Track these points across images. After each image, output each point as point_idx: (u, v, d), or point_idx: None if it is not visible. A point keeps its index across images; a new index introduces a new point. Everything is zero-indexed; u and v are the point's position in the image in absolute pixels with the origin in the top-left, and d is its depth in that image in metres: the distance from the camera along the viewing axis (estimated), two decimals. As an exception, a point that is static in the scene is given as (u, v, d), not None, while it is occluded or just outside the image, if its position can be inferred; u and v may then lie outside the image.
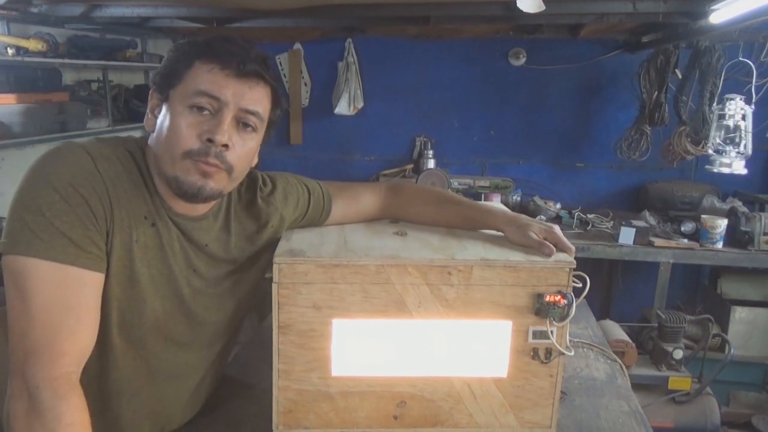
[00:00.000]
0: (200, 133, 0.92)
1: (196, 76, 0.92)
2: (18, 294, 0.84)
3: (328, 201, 1.21)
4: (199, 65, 0.93)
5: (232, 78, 0.93)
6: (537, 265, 1.02)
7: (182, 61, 0.94)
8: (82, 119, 2.94)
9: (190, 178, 0.93)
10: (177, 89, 0.94)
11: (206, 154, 0.92)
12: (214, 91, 0.92)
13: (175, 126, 0.92)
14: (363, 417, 1.07)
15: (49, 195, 0.86)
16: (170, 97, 0.94)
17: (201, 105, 0.92)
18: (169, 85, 0.95)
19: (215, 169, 0.94)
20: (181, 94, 0.93)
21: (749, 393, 3.05)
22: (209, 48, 0.94)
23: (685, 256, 2.87)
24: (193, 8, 2.80)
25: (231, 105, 0.93)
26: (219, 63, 0.92)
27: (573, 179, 3.83)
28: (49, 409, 0.79)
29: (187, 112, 0.92)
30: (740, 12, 2.18)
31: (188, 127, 0.92)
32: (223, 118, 0.92)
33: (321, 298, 1.00)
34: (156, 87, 0.97)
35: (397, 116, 3.89)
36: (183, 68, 0.94)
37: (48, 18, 2.67)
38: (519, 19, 2.84)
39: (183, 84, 0.93)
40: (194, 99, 0.92)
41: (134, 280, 0.96)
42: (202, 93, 0.91)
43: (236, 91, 0.93)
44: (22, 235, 0.84)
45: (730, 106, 2.80)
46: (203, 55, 0.93)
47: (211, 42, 0.95)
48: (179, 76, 0.94)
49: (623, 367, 1.59)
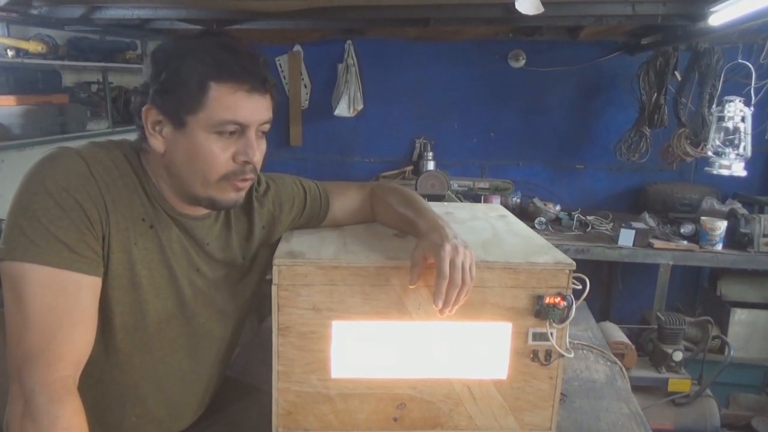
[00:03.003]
0: (233, 156, 0.94)
1: (218, 103, 0.90)
2: (15, 299, 0.84)
3: (325, 201, 1.21)
4: (216, 88, 0.89)
5: (256, 97, 0.93)
6: (537, 267, 1.02)
7: (194, 83, 0.89)
8: (81, 121, 2.95)
9: (226, 196, 0.97)
10: (198, 116, 0.90)
11: (243, 173, 0.96)
12: (241, 119, 0.92)
13: (206, 153, 0.92)
14: (363, 419, 1.07)
15: (44, 200, 0.86)
16: (188, 123, 0.91)
17: (231, 131, 0.92)
18: (185, 110, 0.90)
19: (249, 182, 0.99)
20: (204, 122, 0.90)
21: (749, 395, 3.04)
22: (222, 66, 0.89)
23: (684, 258, 2.87)
24: (193, 10, 2.79)
25: (253, 123, 0.94)
26: (237, 83, 0.90)
27: (572, 181, 3.83)
28: (44, 413, 0.79)
29: (215, 138, 0.92)
30: (739, 14, 2.18)
31: (221, 152, 0.93)
32: (251, 138, 0.94)
33: (320, 299, 1.00)
34: (158, 107, 0.92)
35: (397, 118, 3.89)
36: (198, 92, 0.89)
37: (48, 20, 2.66)
38: (518, 21, 2.84)
39: (205, 111, 0.90)
40: (223, 127, 0.91)
41: (136, 282, 0.96)
42: (230, 122, 0.91)
43: (255, 109, 0.93)
44: (19, 240, 0.84)
45: (729, 108, 2.80)
46: (218, 76, 0.89)
47: (221, 58, 0.90)
48: (197, 101, 0.89)
49: (623, 369, 1.59)
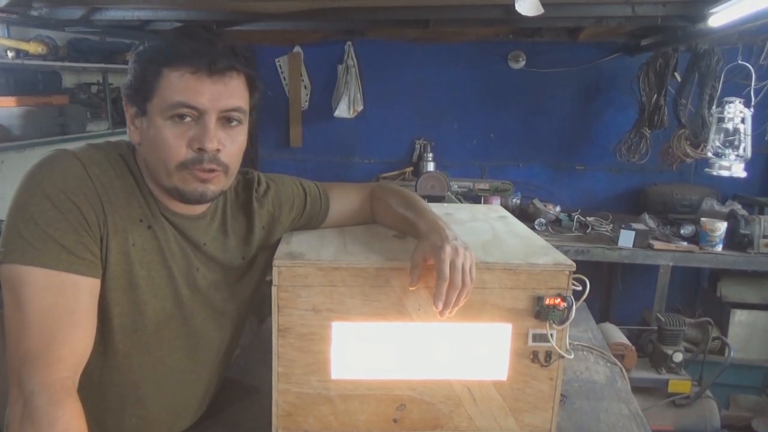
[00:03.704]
0: (189, 142, 0.90)
1: (168, 86, 0.88)
2: (14, 301, 0.85)
3: (325, 202, 1.21)
4: (167, 73, 0.88)
5: (205, 80, 0.89)
6: (537, 268, 1.02)
7: (149, 70, 0.89)
8: (81, 122, 2.95)
9: (190, 187, 0.93)
10: (153, 102, 0.90)
11: (200, 162, 0.91)
12: (190, 101, 0.88)
13: (161, 140, 0.90)
14: (363, 420, 1.06)
15: (41, 203, 0.86)
16: (148, 110, 0.91)
17: (181, 114, 0.89)
18: (143, 98, 0.91)
19: (213, 173, 0.93)
20: (158, 108, 0.90)
21: (749, 396, 3.04)
22: (174, 50, 0.88)
23: (684, 259, 2.87)
24: (193, 11, 2.80)
25: (211, 109, 0.90)
26: (188, 66, 0.88)
27: (572, 182, 3.83)
28: (43, 414, 0.79)
29: (170, 124, 0.90)
30: (739, 15, 2.19)
31: (175, 139, 0.90)
32: (208, 124, 0.90)
33: (320, 301, 1.00)
34: (129, 100, 0.94)
35: (397, 119, 3.89)
36: (152, 78, 0.89)
37: (48, 21, 2.66)
38: (518, 22, 2.85)
39: (157, 96, 0.89)
40: (173, 111, 0.89)
41: (134, 283, 0.96)
42: (179, 104, 0.89)
43: (213, 94, 0.89)
44: (17, 243, 0.85)
45: (729, 109, 2.80)
46: (170, 60, 0.88)
47: (174, 43, 0.89)
48: (151, 88, 0.89)
49: (623, 370, 1.59)
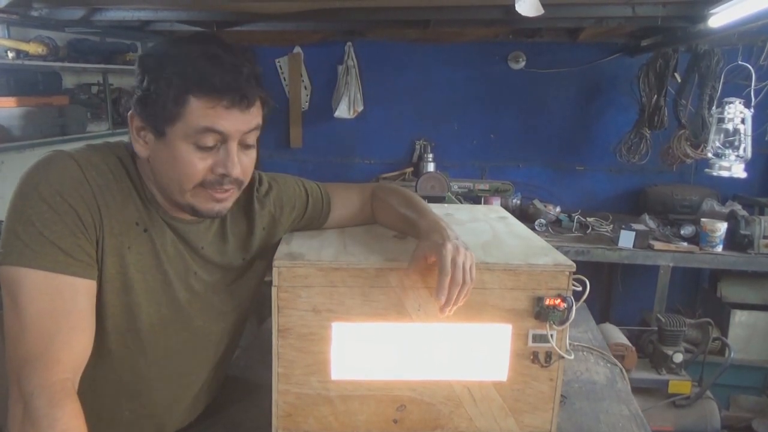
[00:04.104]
0: (212, 167, 0.91)
1: (196, 115, 0.87)
2: (12, 303, 0.85)
3: (327, 203, 1.20)
4: (195, 102, 0.87)
5: (235, 111, 0.89)
6: (537, 269, 1.02)
7: (173, 96, 0.87)
8: (82, 122, 2.95)
9: (206, 206, 0.95)
10: (176, 127, 0.88)
11: (220, 184, 0.93)
12: (218, 127, 0.88)
13: (183, 163, 0.90)
14: (363, 421, 1.06)
15: (37, 205, 0.86)
16: (167, 133, 0.89)
17: (205, 140, 0.89)
18: (162, 121, 0.89)
19: (229, 193, 0.96)
20: (182, 133, 0.88)
21: (749, 396, 3.04)
22: (201, 79, 0.86)
23: (684, 260, 2.87)
24: (193, 12, 2.80)
25: (235, 135, 0.91)
26: (217, 97, 0.87)
27: (573, 182, 3.83)
28: (43, 416, 0.79)
29: (193, 149, 0.89)
30: (739, 16, 2.19)
31: (198, 162, 0.90)
32: (231, 150, 0.91)
33: (320, 301, 1.00)
34: (141, 116, 0.91)
35: (397, 119, 3.89)
36: (176, 105, 0.87)
37: (48, 21, 2.67)
38: (518, 22, 2.85)
39: (182, 122, 0.88)
40: (199, 138, 0.89)
41: (128, 286, 0.96)
42: (206, 129, 0.88)
43: (237, 121, 0.90)
44: (14, 245, 0.85)
45: (729, 110, 2.80)
46: (197, 89, 0.86)
47: (199, 69, 0.86)
48: (175, 113, 0.87)
49: (623, 371, 1.58)
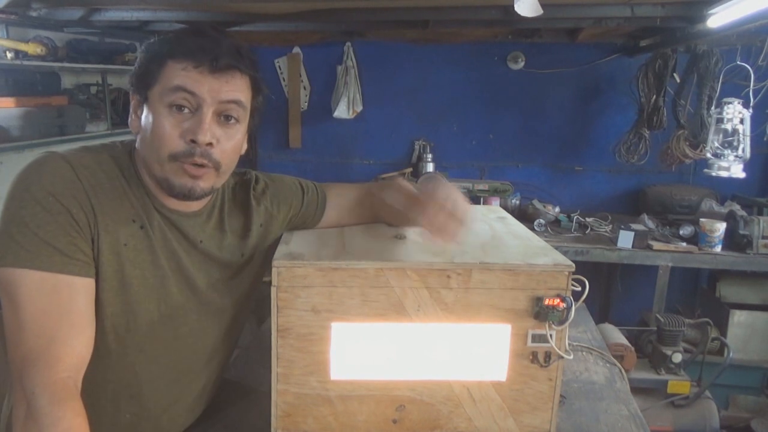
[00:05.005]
0: (182, 133, 0.92)
1: (170, 75, 0.91)
2: (10, 304, 0.85)
3: (322, 201, 1.21)
4: (172, 64, 0.91)
5: (206, 74, 0.91)
6: (536, 269, 1.02)
7: (155, 60, 0.93)
8: (81, 123, 2.95)
9: (179, 181, 0.94)
10: (154, 89, 0.93)
11: (191, 155, 0.92)
12: (189, 86, 0.90)
13: (157, 127, 0.92)
14: (362, 421, 1.06)
15: (31, 206, 0.86)
16: (149, 97, 0.94)
17: (179, 102, 0.91)
18: (145, 86, 0.94)
19: (203, 169, 0.94)
20: (158, 94, 0.92)
21: (748, 396, 3.04)
22: (180, 44, 0.92)
23: (683, 260, 2.87)
24: (192, 12, 2.80)
25: (209, 101, 0.92)
26: (192, 60, 0.91)
27: (572, 183, 3.83)
28: (45, 414, 0.79)
29: (167, 112, 0.92)
30: (738, 16, 2.19)
31: (170, 128, 0.92)
32: (203, 116, 0.91)
33: (320, 301, 1.00)
34: (133, 88, 0.97)
35: (396, 120, 3.90)
36: (156, 67, 0.92)
37: (47, 21, 2.67)
38: (517, 23, 2.85)
39: (159, 83, 0.92)
40: (171, 96, 0.91)
41: (126, 284, 0.96)
42: (177, 88, 0.91)
43: (212, 87, 0.92)
44: (9, 247, 0.85)
45: (728, 110, 2.81)
46: (175, 53, 0.91)
47: (182, 37, 0.93)
48: (154, 76, 0.93)
49: (622, 371, 1.59)
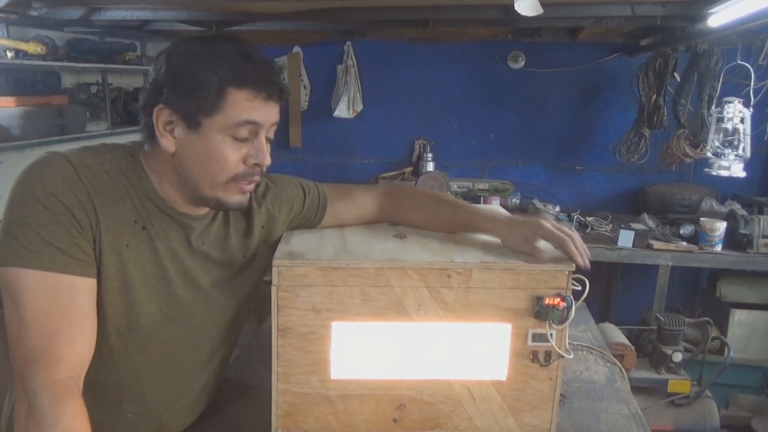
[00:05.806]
0: (244, 159, 0.97)
1: (236, 108, 0.92)
2: (12, 304, 0.86)
3: (323, 202, 1.21)
4: (235, 93, 0.92)
5: (267, 102, 0.96)
6: (536, 268, 1.02)
7: (213, 88, 0.91)
8: (81, 122, 2.95)
9: (233, 198, 0.99)
10: (215, 118, 0.92)
11: (251, 175, 0.99)
12: (256, 118, 0.95)
13: (219, 155, 0.94)
14: (362, 420, 1.06)
15: (33, 206, 0.87)
16: (203, 124, 0.93)
17: (245, 136, 0.95)
18: (199, 111, 0.92)
19: (254, 185, 1.01)
20: (221, 125, 0.93)
21: (749, 396, 3.04)
22: (238, 71, 0.92)
23: (684, 259, 2.87)
24: (193, 11, 2.79)
25: (266, 126, 0.98)
26: (255, 90, 0.93)
27: (572, 182, 3.83)
28: (46, 414, 0.80)
29: (230, 141, 0.95)
30: (738, 15, 2.19)
31: (232, 154, 0.95)
32: (263, 141, 0.97)
33: (320, 300, 1.00)
34: (174, 108, 0.93)
35: (397, 119, 3.89)
36: (216, 96, 0.91)
37: (47, 21, 2.66)
38: (518, 22, 2.85)
39: (221, 114, 0.92)
40: (238, 129, 0.94)
41: (128, 284, 0.96)
42: (246, 122, 0.94)
43: (268, 113, 0.97)
44: (12, 246, 0.86)
45: (728, 109, 2.81)
46: (236, 82, 0.92)
47: (238, 64, 0.92)
48: (213, 105, 0.92)
49: (622, 370, 1.59)
